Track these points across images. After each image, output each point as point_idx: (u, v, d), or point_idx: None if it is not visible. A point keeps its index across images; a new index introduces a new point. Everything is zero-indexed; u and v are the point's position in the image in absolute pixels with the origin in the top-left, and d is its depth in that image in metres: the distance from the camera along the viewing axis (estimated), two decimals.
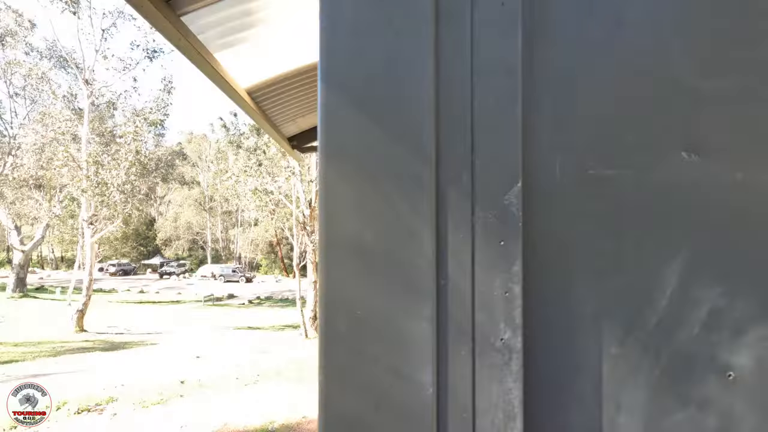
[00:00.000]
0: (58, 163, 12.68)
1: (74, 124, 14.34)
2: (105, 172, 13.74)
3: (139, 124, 14.03)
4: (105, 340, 13.15)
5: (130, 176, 13.72)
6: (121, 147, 14.06)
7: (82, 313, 13.88)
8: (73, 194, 14.12)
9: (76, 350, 11.16)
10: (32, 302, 24.14)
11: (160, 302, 30.84)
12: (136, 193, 14.71)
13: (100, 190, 13.73)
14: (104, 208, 14.13)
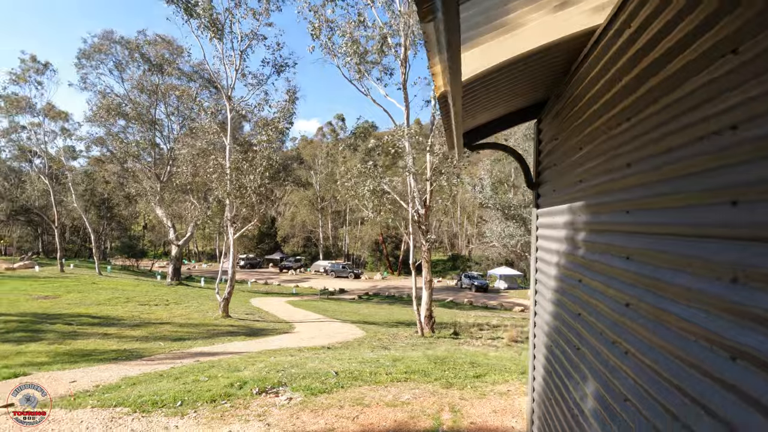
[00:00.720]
0: (209, 170, 14.79)
1: (219, 136, 16.46)
2: (243, 177, 15.55)
3: (271, 133, 15.58)
4: (246, 325, 14.85)
5: (264, 180, 15.32)
6: (256, 154, 15.76)
7: (227, 301, 15.88)
8: (219, 197, 16.21)
9: (226, 333, 12.77)
10: (185, 289, 28.44)
11: (282, 293, 34.00)
12: (269, 195, 16.33)
13: (240, 193, 15.58)
14: (243, 208, 16.00)
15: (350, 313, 21.42)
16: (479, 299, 36.62)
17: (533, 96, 2.75)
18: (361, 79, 14.03)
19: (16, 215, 46.24)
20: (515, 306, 31.95)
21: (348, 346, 10.77)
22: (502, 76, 2.15)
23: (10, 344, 9.38)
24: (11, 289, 19.70)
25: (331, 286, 39.70)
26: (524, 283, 47.45)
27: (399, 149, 13.66)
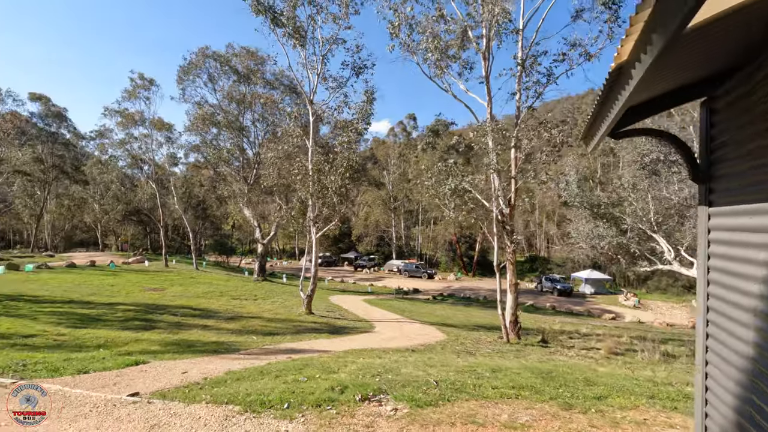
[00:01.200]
0: (294, 172, 15.44)
1: (302, 139, 17.09)
2: (324, 178, 15.97)
3: (351, 134, 15.82)
4: (328, 323, 15.22)
5: (345, 180, 15.60)
6: (337, 155, 16.10)
7: (310, 299, 16.43)
8: (302, 198, 16.83)
9: (310, 330, 13.16)
10: (270, 285, 30.16)
11: (358, 292, 34.70)
12: (348, 195, 16.61)
13: (322, 194, 16.01)
14: (325, 208, 16.44)
15: (427, 314, 21.11)
16: (563, 304, 34.28)
17: (706, 68, 2.23)
18: (441, 75, 13.66)
19: (129, 216, 52.71)
20: (604, 313, 29.34)
21: (431, 350, 10.48)
22: (694, 39, 1.70)
23: (129, 332, 10.45)
24: (127, 282, 22.29)
25: (405, 286, 39.71)
26: (614, 288, 43.39)
27: (482, 146, 13.06)
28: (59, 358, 6.63)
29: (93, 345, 8.30)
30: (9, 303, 13.70)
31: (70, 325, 10.78)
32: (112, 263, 30.98)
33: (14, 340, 8.28)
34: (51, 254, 41.72)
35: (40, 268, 25.41)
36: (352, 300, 26.33)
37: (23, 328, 9.80)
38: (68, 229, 63.28)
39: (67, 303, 14.67)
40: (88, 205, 55.33)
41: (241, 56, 30.61)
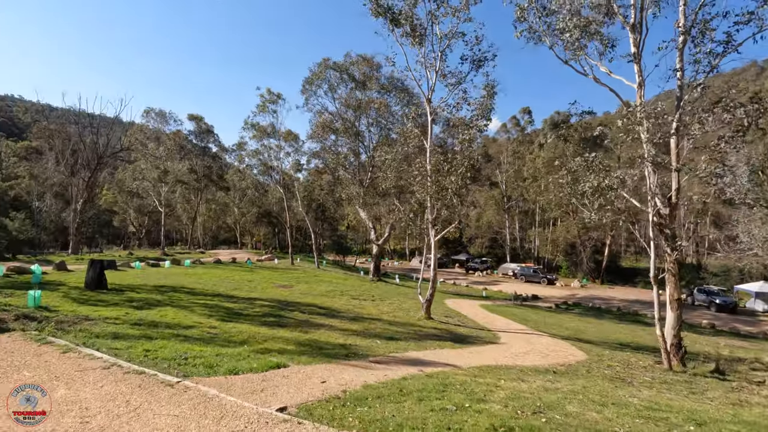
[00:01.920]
0: (415, 173, 15.18)
1: (420, 140, 16.73)
2: (443, 179, 15.35)
3: (472, 132, 14.95)
4: (448, 329, 14.56)
5: (465, 181, 14.79)
6: (456, 155, 15.36)
7: (429, 303, 15.97)
8: (419, 199, 16.48)
9: (432, 337, 12.64)
10: (385, 286, 30.66)
11: (471, 296, 33.37)
12: (467, 196, 15.74)
13: (440, 195, 15.42)
14: (444, 210, 15.83)
15: (554, 326, 19.09)
16: (726, 322, 28.46)
17: None
18: (577, 57, 12.00)
19: (261, 218, 59.20)
20: None
21: (576, 373, 9.10)
22: None
23: (266, 328, 11.15)
24: (261, 278, 24.57)
25: (522, 292, 37.10)
26: None
27: (632, 135, 11.09)
28: (212, 353, 7.13)
29: (238, 340, 8.90)
30: (173, 294, 15.91)
31: (219, 318, 11.92)
32: (249, 261, 34.75)
33: (177, 331, 9.31)
34: (202, 251, 48.78)
35: (194, 263, 29.56)
36: (469, 305, 25.26)
37: (184, 319, 11.08)
38: (215, 229, 73.67)
39: (216, 296, 16.52)
40: (229, 209, 63.70)
41: (358, 64, 31.86)
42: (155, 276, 21.40)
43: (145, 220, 64.97)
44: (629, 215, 12.69)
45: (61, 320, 9.40)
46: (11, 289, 13.65)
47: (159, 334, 8.58)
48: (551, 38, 12.08)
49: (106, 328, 8.73)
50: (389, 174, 17.25)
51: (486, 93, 16.28)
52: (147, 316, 11.03)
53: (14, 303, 11.09)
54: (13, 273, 18.12)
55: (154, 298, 14.43)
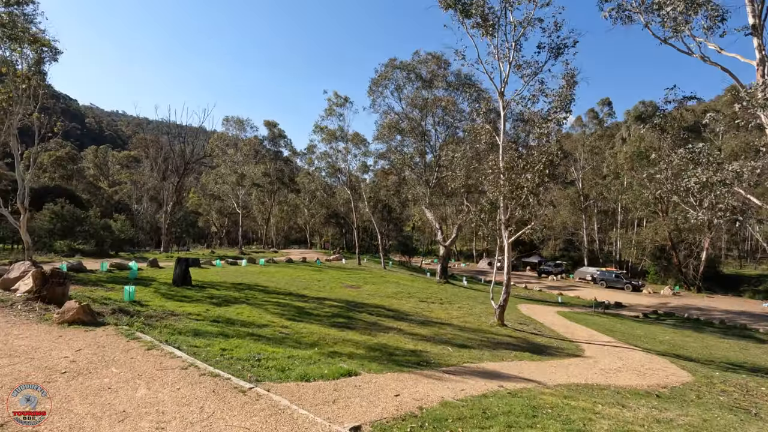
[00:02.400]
0: (488, 171, 14.38)
1: (491, 136, 15.84)
2: (518, 177, 14.35)
3: (552, 125, 13.81)
4: (525, 338, 13.55)
5: (543, 179, 13.68)
6: (533, 151, 14.28)
7: (503, 309, 15.02)
8: (491, 199, 15.59)
9: (508, 346, 11.79)
10: (453, 288, 29.80)
11: (546, 301, 31.31)
12: (549, 195, 14.60)
13: (515, 194, 14.43)
14: (519, 210, 14.82)
15: (646, 339, 17.10)
16: None
17: None
18: (680, 33, 10.48)
19: (329, 218, 60.91)
20: None
21: (684, 398, 7.84)
22: None
23: (335, 329, 11.08)
24: (330, 278, 25.01)
25: (603, 298, 34.14)
26: None
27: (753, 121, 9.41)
28: (284, 355, 7.09)
29: (308, 342, 8.87)
30: (249, 292, 16.61)
31: (291, 317, 12.11)
32: (318, 260, 35.74)
33: (251, 329, 9.51)
34: (275, 250, 51.27)
35: (268, 262, 30.97)
36: (544, 311, 23.65)
37: (258, 318, 11.38)
38: (286, 229, 77.27)
39: (288, 295, 16.97)
40: (299, 210, 66.43)
41: (426, 62, 31.39)
42: (233, 274, 22.63)
43: (225, 220, 69.98)
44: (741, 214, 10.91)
45: (150, 315, 10.05)
46: (112, 284, 15.05)
47: (235, 332, 8.80)
48: (646, 15, 10.68)
49: (188, 325, 9.14)
50: (458, 173, 16.55)
51: (565, 83, 15.01)
52: (225, 313, 11.49)
53: (113, 297, 12.13)
54: (114, 269, 20.10)
55: (231, 296, 15.13)
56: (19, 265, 11.68)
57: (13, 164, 19.44)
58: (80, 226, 32.09)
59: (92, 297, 11.34)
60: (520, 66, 14.97)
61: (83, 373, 4.78)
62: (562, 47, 15.17)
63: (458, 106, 32.12)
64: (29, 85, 17.18)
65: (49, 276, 8.83)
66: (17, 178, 17.49)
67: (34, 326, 6.88)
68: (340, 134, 37.98)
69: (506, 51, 15.32)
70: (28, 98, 17.78)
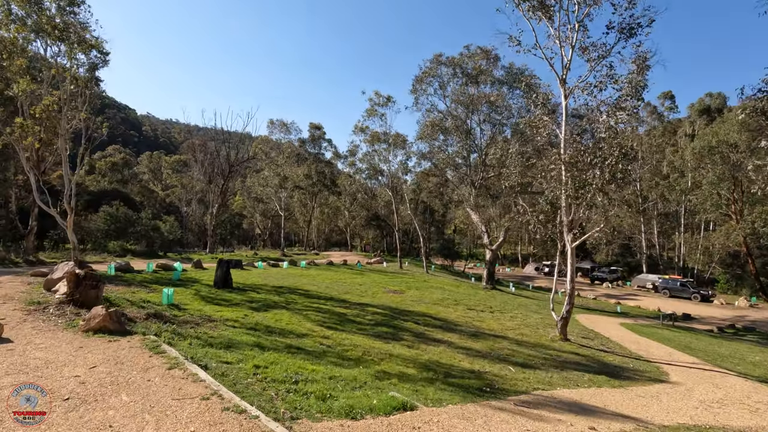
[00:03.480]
0: (550, 167, 12.89)
1: (553, 128, 14.28)
2: (584, 173, 12.73)
3: (622, 115, 12.12)
4: (593, 356, 11.90)
5: (616, 175, 12.00)
6: (603, 143, 12.63)
7: (566, 321, 13.40)
8: (549, 198, 14.01)
9: (576, 366, 10.27)
10: (501, 295, 27.97)
11: (604, 311, 28.78)
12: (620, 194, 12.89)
13: (581, 193, 12.81)
14: (584, 210, 13.18)
15: (736, 359, 14.80)
16: None
17: None
18: None
19: (370, 221, 60.28)
20: None
21: None
22: None
23: (380, 341, 10.04)
24: (372, 282, 24.09)
25: (667, 309, 31.01)
26: None
27: None
28: (325, 374, 6.15)
29: (352, 357, 7.91)
30: (289, 296, 15.96)
31: (332, 325, 11.22)
32: (359, 263, 35.01)
33: (290, 340, 8.67)
34: (316, 252, 51.23)
35: (309, 264, 30.58)
36: (606, 323, 21.51)
37: (297, 326, 10.57)
38: (327, 231, 77.65)
39: (329, 300, 16.17)
40: (340, 212, 66.38)
41: (474, 56, 29.88)
42: (275, 276, 22.24)
43: (268, 222, 71.25)
44: None
45: (186, 320, 9.48)
46: (156, 285, 14.88)
47: (272, 343, 7.98)
48: None
49: (223, 333, 8.44)
50: (512, 170, 15.07)
51: (636, 67, 13.22)
52: (263, 320, 10.77)
53: (152, 299, 11.77)
54: (160, 269, 20.23)
55: (271, 300, 14.52)
56: (63, 266, 11.58)
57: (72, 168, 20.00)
58: (132, 228, 33.21)
59: (132, 299, 11.00)
60: (585, 48, 13.32)
61: (88, 400, 4.05)
62: (635, 27, 13.39)
63: (506, 102, 30.34)
64: (78, 86, 17.52)
65: (83, 278, 8.42)
66: (65, 179, 17.87)
67: (60, 334, 6.36)
68: (382, 136, 37.13)
69: (568, 33, 13.74)
70: (82, 102, 18.23)
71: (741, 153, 39.24)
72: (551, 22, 14.14)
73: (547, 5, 13.92)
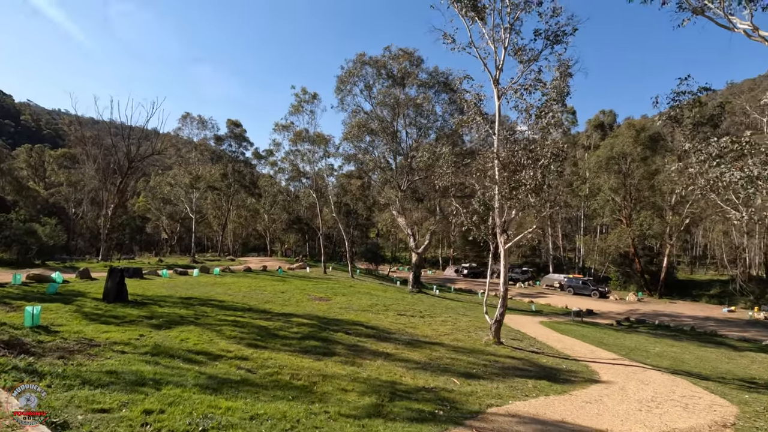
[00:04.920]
0: (488, 165, 12.62)
1: (486, 129, 14.13)
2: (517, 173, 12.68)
3: (554, 118, 12.27)
4: (528, 359, 11.76)
5: (548, 176, 12.07)
6: (533, 144, 12.68)
7: (500, 325, 13.21)
8: (483, 200, 13.82)
9: (515, 371, 9.91)
10: (428, 298, 27.93)
11: (522, 310, 30.19)
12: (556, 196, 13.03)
13: (514, 194, 12.72)
14: (515, 211, 13.14)
15: (643, 352, 15.90)
16: None
17: None
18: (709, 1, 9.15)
19: (292, 224, 57.62)
20: None
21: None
22: None
23: (310, 358, 8.76)
24: (295, 289, 22.37)
25: (573, 305, 33.59)
26: None
27: None
28: (244, 416, 4.78)
29: (280, 383, 6.55)
30: (200, 308, 13.84)
31: (251, 342, 9.65)
32: (280, 269, 32.81)
33: (199, 367, 7.02)
34: (232, 258, 47.43)
35: (224, 271, 27.79)
36: (527, 322, 22.30)
37: (209, 345, 8.85)
38: (245, 236, 72.90)
39: (247, 311, 14.34)
40: (259, 215, 62.54)
41: (397, 58, 29.57)
42: (183, 285, 19.56)
43: (177, 226, 64.81)
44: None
45: (55, 348, 7.31)
46: (22, 301, 11.89)
47: (174, 374, 6.30)
48: None
49: (105, 363, 6.55)
50: (446, 169, 14.69)
51: (560, 74, 13.59)
52: (165, 340, 8.84)
53: (12, 321, 9.17)
54: (32, 281, 16.59)
55: (177, 314, 12.37)
56: None
57: None
58: None
59: None
60: (518, 50, 13.39)
61: None
62: (560, 35, 13.77)
63: (432, 105, 30.57)
64: None
65: None
66: None
67: None
68: (305, 135, 35.37)
69: (501, 34, 13.72)
70: None
71: (632, 163, 44.31)
72: (484, 23, 14.03)
73: (479, 7, 13.78)
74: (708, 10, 9.00)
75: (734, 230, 52.18)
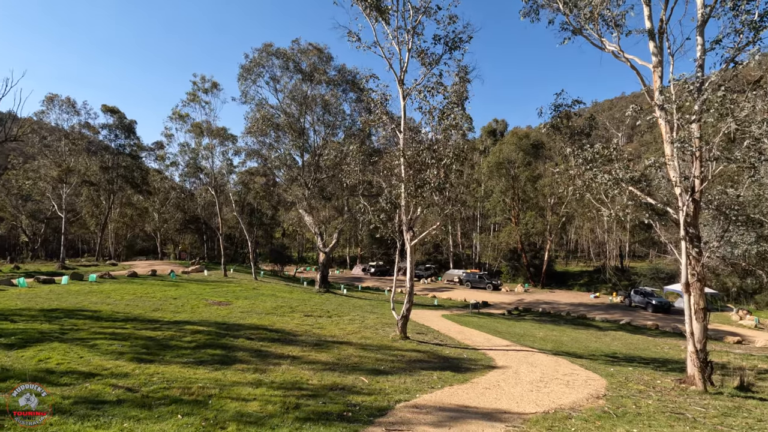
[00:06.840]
0: (395, 163, 12.74)
1: (388, 128, 14.35)
2: (423, 172, 13.10)
3: (457, 120, 12.90)
4: (432, 351, 12.19)
5: (451, 175, 12.64)
6: (436, 145, 13.21)
7: (406, 320, 13.51)
8: (390, 198, 14.03)
9: (421, 364, 10.18)
10: (336, 298, 27.66)
11: (425, 305, 31.53)
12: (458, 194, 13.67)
13: (419, 192, 13.11)
14: (421, 209, 13.55)
15: (527, 337, 17.61)
16: (667, 323, 29.19)
17: None
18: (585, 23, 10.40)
19: (188, 224, 52.77)
20: (726, 336, 24.09)
21: (635, 411, 7.15)
22: None
23: (206, 369, 7.94)
24: (190, 294, 20.45)
25: (471, 298, 36.13)
26: (718, 305, 37.02)
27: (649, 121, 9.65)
28: None
29: (167, 401, 5.74)
30: (67, 321, 11.82)
31: (135, 355, 8.45)
32: (172, 273, 29.79)
33: (64, 389, 5.89)
34: (114, 263, 41.84)
35: (103, 278, 24.35)
36: (431, 316, 23.27)
37: (78, 363, 7.53)
38: (130, 237, 64.88)
39: (130, 321, 12.64)
40: (149, 214, 56.15)
41: (307, 53, 28.74)
42: (46, 296, 16.60)
43: (41, 227, 55.19)
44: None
45: None
46: None
47: (25, 405, 5.14)
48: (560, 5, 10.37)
49: None
50: (353, 167, 14.60)
51: (459, 78, 14.40)
52: (15, 363, 7.29)
53: None
54: None
55: (36, 329, 10.38)
56: None
57: None
58: None
59: None
60: (422, 52, 13.82)
61: None
62: (457, 41, 14.54)
63: (339, 102, 30.38)
64: None
65: None
66: None
67: None
68: (205, 127, 32.64)
69: (405, 36, 14.05)
70: None
71: (518, 168, 49.18)
72: (388, 24, 14.23)
73: (382, 8, 13.93)
74: (586, 30, 10.24)
75: (598, 228, 61.08)
